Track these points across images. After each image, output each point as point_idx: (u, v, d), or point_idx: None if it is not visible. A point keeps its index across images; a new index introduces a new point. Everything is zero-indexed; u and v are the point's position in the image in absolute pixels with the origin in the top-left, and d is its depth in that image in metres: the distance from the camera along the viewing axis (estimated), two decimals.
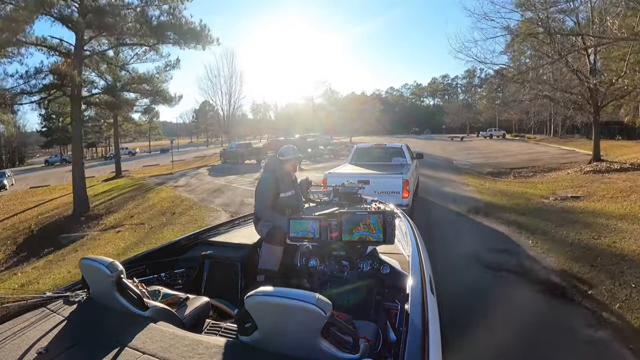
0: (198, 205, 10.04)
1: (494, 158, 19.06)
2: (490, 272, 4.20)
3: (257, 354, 1.18)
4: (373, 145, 8.45)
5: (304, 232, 2.12)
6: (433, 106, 72.17)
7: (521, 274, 4.12)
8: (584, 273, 3.98)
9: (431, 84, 73.77)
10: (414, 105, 74.59)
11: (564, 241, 5.09)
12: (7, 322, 1.43)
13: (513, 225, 6.04)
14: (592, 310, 3.21)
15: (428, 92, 74.83)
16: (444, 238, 5.52)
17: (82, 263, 1.58)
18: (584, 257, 4.41)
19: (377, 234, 1.99)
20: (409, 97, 77.27)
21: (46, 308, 1.53)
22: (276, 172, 2.87)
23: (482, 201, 8.19)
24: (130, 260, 2.17)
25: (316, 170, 13.49)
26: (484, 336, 2.78)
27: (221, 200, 10.58)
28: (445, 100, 63.27)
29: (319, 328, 1.11)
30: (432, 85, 73.43)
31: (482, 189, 9.90)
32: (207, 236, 2.88)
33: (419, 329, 1.23)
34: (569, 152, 19.88)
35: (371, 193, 4.95)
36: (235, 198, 10.81)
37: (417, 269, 1.72)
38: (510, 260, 4.52)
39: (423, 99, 76.54)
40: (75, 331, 1.37)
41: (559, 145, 25.13)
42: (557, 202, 7.77)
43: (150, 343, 1.24)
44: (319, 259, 2.11)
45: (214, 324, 1.73)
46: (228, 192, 12.14)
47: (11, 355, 1.21)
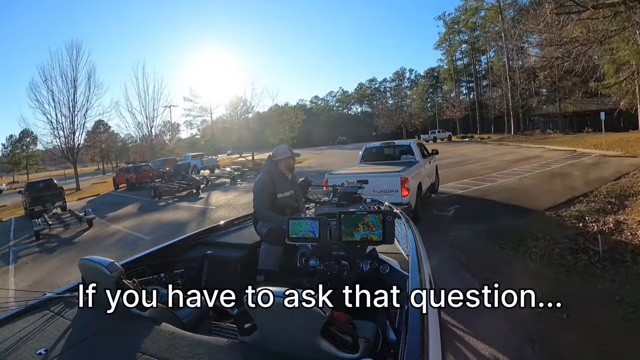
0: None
1: (491, 180, 10.64)
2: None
3: (257, 354, 1.18)
4: (382, 144, 8.62)
5: (304, 232, 2.15)
6: (361, 113, 69.78)
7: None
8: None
9: (358, 89, 71.44)
10: (341, 113, 72.45)
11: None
12: (7, 322, 1.45)
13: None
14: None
15: (355, 99, 72.62)
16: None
17: (82, 263, 1.58)
18: None
19: (377, 231, 1.98)
20: (334, 105, 75.18)
21: (46, 309, 1.55)
22: (271, 173, 2.87)
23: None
24: (130, 261, 2.16)
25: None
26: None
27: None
28: (374, 106, 61.05)
29: (318, 328, 1.11)
30: (359, 91, 71.04)
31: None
32: (206, 236, 2.92)
33: (418, 328, 1.21)
34: (581, 155, 15.75)
35: (370, 192, 5.01)
36: None
37: (417, 268, 1.73)
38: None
39: (350, 107, 74.35)
40: (75, 332, 1.36)
41: (541, 145, 22.05)
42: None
43: (150, 343, 1.25)
44: (319, 259, 2.04)
45: (214, 324, 1.79)
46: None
47: (11, 356, 1.21)
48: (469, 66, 53.80)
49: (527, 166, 13.32)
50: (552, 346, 2.80)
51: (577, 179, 9.87)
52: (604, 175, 10.05)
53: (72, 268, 5.84)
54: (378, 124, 50.49)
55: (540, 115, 39.62)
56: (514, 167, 13.31)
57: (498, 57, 44.93)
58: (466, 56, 53.28)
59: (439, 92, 59.67)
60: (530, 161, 14.87)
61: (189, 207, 12.01)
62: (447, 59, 54.82)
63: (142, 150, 41.41)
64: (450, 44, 52.79)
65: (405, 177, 5.67)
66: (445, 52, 54.07)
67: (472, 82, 54.15)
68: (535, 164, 13.67)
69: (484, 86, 53.24)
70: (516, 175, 11.17)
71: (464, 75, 55.09)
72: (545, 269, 4.18)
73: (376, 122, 51.07)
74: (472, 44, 50.64)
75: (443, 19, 50.95)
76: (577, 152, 16.91)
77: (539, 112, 38.34)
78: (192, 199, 13.79)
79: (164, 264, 2.36)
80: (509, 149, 22.68)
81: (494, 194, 8.70)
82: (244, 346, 1.22)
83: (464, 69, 54.55)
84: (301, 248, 2.30)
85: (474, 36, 50.04)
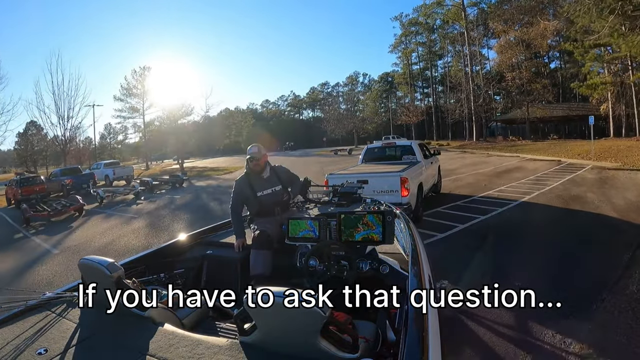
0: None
1: (478, 211, 6.79)
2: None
3: (257, 354, 1.17)
4: (383, 144, 8.57)
5: (304, 233, 2.16)
6: (313, 119, 67.31)
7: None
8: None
9: (310, 93, 69.15)
10: (293, 118, 70.40)
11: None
12: (8, 322, 1.45)
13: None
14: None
15: (307, 104, 70.26)
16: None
17: (82, 263, 1.57)
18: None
19: (377, 229, 1.98)
20: (286, 110, 73.25)
21: (46, 309, 1.55)
22: (248, 174, 2.87)
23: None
24: (130, 261, 2.16)
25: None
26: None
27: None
28: (326, 111, 58.45)
29: (318, 328, 1.11)
30: (311, 96, 68.63)
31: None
32: (206, 236, 2.92)
33: (418, 328, 1.21)
34: (571, 166, 12.76)
35: (370, 192, 4.96)
36: None
37: (417, 268, 1.71)
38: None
39: (302, 111, 72.50)
40: (75, 332, 1.36)
41: (515, 154, 19.22)
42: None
43: (150, 343, 1.25)
44: (319, 259, 2.03)
45: (213, 324, 1.76)
46: None
47: (11, 356, 1.21)
48: (426, 70, 52.46)
49: (515, 183, 9.96)
50: None
51: (605, 206, 6.46)
52: (633, 199, 6.98)
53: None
54: (327, 128, 47.85)
55: (502, 121, 38.18)
56: (499, 184, 9.88)
57: (457, 59, 43.54)
58: (423, 60, 51.97)
59: (393, 97, 58.53)
60: (514, 175, 11.61)
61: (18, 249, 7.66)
62: (403, 63, 53.23)
63: (79, 155, 37.93)
64: (406, 46, 51.11)
65: (405, 177, 5.61)
66: (401, 55, 52.47)
67: (429, 87, 52.99)
68: (523, 180, 10.36)
69: (439, 91, 52.11)
70: (511, 201, 7.59)
71: (420, 80, 53.81)
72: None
73: (325, 126, 48.62)
74: (430, 47, 49.38)
75: (400, 19, 49.20)
76: (565, 163, 14.14)
77: (501, 118, 36.79)
78: (58, 228, 9.55)
79: (164, 264, 2.35)
80: (477, 157, 19.78)
81: (504, 244, 4.94)
82: (244, 346, 1.21)
83: (420, 74, 53.23)
84: (301, 248, 2.25)
85: (432, 39, 48.91)
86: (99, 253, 4.49)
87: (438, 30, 46.62)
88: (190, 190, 16.29)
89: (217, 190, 15.67)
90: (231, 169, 26.50)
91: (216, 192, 14.70)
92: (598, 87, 16.31)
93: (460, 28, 39.49)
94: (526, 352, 2.52)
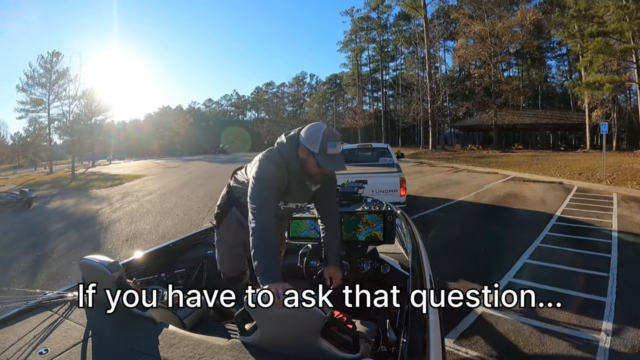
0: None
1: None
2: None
3: (257, 354, 1.16)
4: (359, 145, 8.72)
5: (307, 232, 2.16)
6: (259, 120, 64.62)
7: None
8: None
9: (255, 93, 66.01)
10: (237, 119, 67.36)
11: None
12: (8, 322, 1.42)
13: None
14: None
15: (252, 104, 67.13)
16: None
17: (82, 263, 1.55)
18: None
19: (378, 226, 1.99)
20: (229, 110, 70.29)
21: (46, 308, 1.52)
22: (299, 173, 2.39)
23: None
24: (131, 260, 2.12)
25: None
26: None
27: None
28: (270, 112, 56.31)
29: (319, 328, 1.10)
30: (256, 96, 65.35)
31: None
32: (207, 236, 2.83)
33: (419, 328, 1.21)
34: (588, 193, 8.56)
35: (369, 192, 4.97)
36: None
37: (417, 268, 1.70)
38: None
39: (246, 112, 69.30)
40: (76, 332, 1.34)
41: (489, 169, 14.88)
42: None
43: (150, 343, 1.24)
44: (319, 259, 2.02)
45: (214, 324, 1.74)
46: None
47: (12, 356, 1.20)
48: (376, 72, 48.64)
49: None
50: None
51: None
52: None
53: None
54: (262, 130, 44.16)
55: (458, 127, 34.67)
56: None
57: (411, 59, 39.72)
58: (373, 62, 48.23)
59: (341, 100, 54.55)
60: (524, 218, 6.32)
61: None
62: (352, 63, 49.02)
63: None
64: (357, 43, 46.69)
65: (404, 177, 5.80)
66: (351, 55, 48.27)
67: (379, 91, 49.16)
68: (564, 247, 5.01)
69: (389, 95, 48.49)
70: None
71: (370, 83, 49.99)
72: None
73: (258, 127, 45.37)
74: (382, 46, 45.45)
75: (351, 14, 44.71)
76: (574, 188, 9.22)
77: (460, 124, 33.16)
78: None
79: (164, 263, 2.35)
80: (441, 174, 14.18)
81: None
82: (245, 346, 1.19)
83: (369, 76, 49.41)
84: (301, 248, 2.24)
85: (385, 39, 45.08)
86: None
87: (391, 29, 43.07)
88: (26, 216, 10.16)
89: (68, 217, 9.62)
90: (130, 177, 19.13)
91: (58, 221, 8.85)
92: (603, 85, 12.42)
93: (416, 27, 35.78)
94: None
